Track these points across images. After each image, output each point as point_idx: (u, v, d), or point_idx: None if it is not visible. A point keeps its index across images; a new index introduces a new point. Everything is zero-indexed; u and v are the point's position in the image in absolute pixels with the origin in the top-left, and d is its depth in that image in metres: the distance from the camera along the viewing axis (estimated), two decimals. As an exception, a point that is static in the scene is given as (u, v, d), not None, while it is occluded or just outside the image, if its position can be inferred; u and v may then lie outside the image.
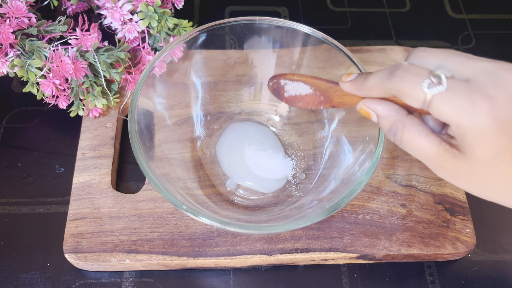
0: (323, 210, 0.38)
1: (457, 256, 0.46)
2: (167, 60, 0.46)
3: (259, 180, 0.48)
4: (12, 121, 0.54)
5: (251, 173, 0.48)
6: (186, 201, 0.40)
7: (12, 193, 0.49)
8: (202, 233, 0.45)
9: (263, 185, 0.48)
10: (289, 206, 0.47)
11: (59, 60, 0.46)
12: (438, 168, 0.31)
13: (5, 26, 0.45)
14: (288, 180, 0.49)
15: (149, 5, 0.51)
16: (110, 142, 0.50)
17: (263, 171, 0.48)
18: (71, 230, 0.44)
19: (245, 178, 0.48)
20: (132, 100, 0.42)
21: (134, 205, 0.46)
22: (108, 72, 0.49)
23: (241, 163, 0.49)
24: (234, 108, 0.53)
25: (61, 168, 0.51)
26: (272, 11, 0.66)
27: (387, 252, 0.45)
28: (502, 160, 0.28)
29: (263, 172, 0.48)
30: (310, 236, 0.45)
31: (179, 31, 0.53)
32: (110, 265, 0.44)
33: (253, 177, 0.48)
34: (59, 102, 0.49)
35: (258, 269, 0.45)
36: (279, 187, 0.48)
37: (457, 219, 0.46)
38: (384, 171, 0.49)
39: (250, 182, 0.48)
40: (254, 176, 0.48)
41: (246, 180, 0.48)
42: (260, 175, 0.48)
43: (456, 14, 0.67)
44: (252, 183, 0.48)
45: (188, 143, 0.50)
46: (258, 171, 0.48)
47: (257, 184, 0.48)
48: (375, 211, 0.47)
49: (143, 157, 0.39)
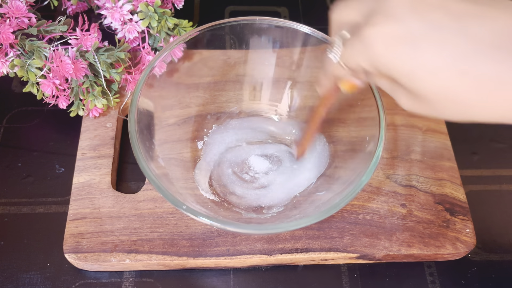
0: (323, 210, 0.38)
1: (457, 256, 0.46)
2: (167, 60, 0.46)
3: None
4: (12, 121, 0.54)
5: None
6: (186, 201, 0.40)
7: (12, 193, 0.49)
8: (202, 233, 0.45)
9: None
10: (289, 206, 0.47)
11: (59, 60, 0.46)
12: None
13: (5, 26, 0.45)
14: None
15: (149, 5, 0.51)
16: (110, 142, 0.50)
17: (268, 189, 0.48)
18: (71, 230, 0.44)
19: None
20: (132, 100, 0.42)
21: (134, 205, 0.46)
22: (108, 72, 0.49)
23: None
24: (234, 108, 0.53)
25: (61, 168, 0.51)
26: (272, 11, 0.66)
27: (387, 252, 0.45)
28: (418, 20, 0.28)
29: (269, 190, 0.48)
30: (310, 236, 0.45)
31: (179, 31, 0.53)
32: (110, 265, 0.44)
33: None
34: (59, 102, 0.49)
35: (258, 269, 0.45)
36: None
37: (457, 219, 0.46)
38: (384, 171, 0.49)
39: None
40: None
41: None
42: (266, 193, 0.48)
43: (456, 14, 0.67)
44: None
45: (188, 143, 0.50)
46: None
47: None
48: (375, 211, 0.47)
49: (143, 157, 0.39)
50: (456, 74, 0.27)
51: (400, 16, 0.28)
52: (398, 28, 0.28)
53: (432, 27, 0.27)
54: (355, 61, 0.31)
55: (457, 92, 0.27)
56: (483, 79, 0.26)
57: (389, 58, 0.28)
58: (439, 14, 0.27)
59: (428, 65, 0.27)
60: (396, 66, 0.29)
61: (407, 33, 0.27)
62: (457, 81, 0.27)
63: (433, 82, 0.28)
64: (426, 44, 0.27)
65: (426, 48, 0.27)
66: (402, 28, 0.28)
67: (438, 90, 0.28)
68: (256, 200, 0.47)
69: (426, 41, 0.27)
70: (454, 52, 0.26)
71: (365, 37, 0.29)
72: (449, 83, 0.27)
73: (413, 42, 0.27)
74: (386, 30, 0.28)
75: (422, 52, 0.27)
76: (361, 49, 0.30)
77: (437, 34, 0.27)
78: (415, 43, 0.27)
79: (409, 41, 0.27)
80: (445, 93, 0.28)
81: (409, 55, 0.28)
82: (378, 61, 0.29)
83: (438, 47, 0.27)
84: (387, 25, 0.28)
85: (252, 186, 0.48)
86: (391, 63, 0.29)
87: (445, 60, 0.27)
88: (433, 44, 0.27)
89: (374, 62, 0.30)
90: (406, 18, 0.28)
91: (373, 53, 0.29)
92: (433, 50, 0.27)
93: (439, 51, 0.27)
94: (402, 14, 0.28)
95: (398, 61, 0.28)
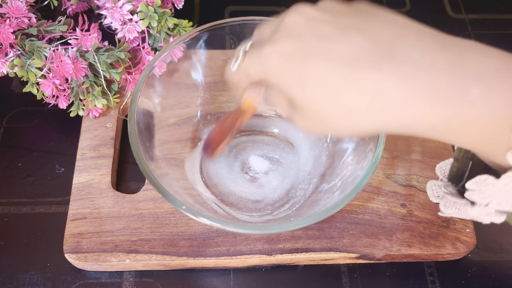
0: (323, 210, 0.38)
1: (457, 256, 0.46)
2: (167, 60, 0.46)
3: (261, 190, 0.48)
4: (12, 121, 0.54)
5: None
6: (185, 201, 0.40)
7: (12, 193, 0.49)
8: (202, 233, 0.45)
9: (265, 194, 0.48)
10: (289, 206, 0.47)
11: (59, 60, 0.46)
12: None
13: (5, 26, 0.45)
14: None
15: (149, 5, 0.51)
16: (110, 142, 0.50)
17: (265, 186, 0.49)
18: (71, 230, 0.44)
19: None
20: (132, 100, 0.42)
21: (134, 205, 0.46)
22: (108, 72, 0.49)
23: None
24: (234, 108, 0.52)
25: (61, 168, 0.51)
26: (272, 11, 0.66)
27: (387, 252, 0.45)
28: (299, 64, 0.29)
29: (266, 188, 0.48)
30: (310, 236, 0.45)
31: (179, 31, 0.53)
32: (110, 265, 0.44)
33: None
34: (59, 102, 0.49)
35: (258, 269, 0.45)
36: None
37: (457, 219, 0.46)
38: (384, 171, 0.49)
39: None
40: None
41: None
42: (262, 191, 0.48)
43: (456, 14, 0.67)
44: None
45: (188, 143, 0.50)
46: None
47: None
48: (375, 211, 0.47)
49: (143, 157, 0.39)
50: (340, 80, 0.27)
51: (295, 33, 0.29)
52: (292, 44, 0.29)
53: (321, 40, 0.28)
54: (250, 71, 0.32)
55: (342, 99, 0.28)
56: (364, 84, 0.27)
57: (282, 72, 0.30)
58: (329, 28, 0.29)
59: (315, 74, 0.28)
60: (287, 80, 0.30)
61: (300, 48, 0.29)
62: (341, 87, 0.28)
63: (320, 90, 0.28)
64: (314, 55, 0.28)
65: (314, 58, 0.28)
66: (295, 44, 0.29)
67: (326, 99, 0.29)
68: (256, 200, 0.47)
69: (315, 53, 0.28)
70: (338, 59, 0.28)
71: (263, 51, 0.30)
72: (334, 90, 0.28)
73: (304, 55, 0.29)
74: (281, 47, 0.30)
75: (311, 62, 0.28)
76: (257, 61, 0.31)
77: (325, 45, 0.28)
78: (305, 56, 0.29)
79: (300, 54, 0.29)
80: (332, 101, 0.29)
81: (298, 67, 0.29)
82: (271, 75, 0.31)
83: (324, 56, 0.28)
84: (283, 41, 0.30)
85: (252, 186, 0.48)
86: (283, 77, 0.30)
87: (330, 67, 0.28)
88: (320, 54, 0.28)
89: (268, 76, 0.31)
90: (300, 34, 0.29)
91: (268, 67, 0.30)
92: (320, 59, 0.28)
93: (325, 60, 0.28)
94: (297, 31, 0.29)
95: (289, 73, 0.29)
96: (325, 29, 0.29)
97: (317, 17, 0.30)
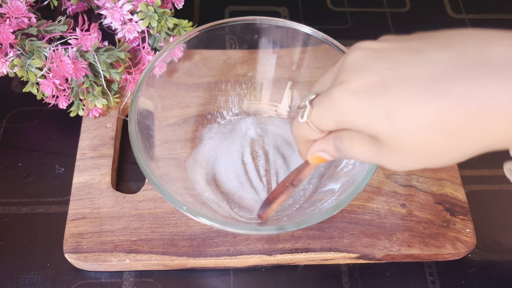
0: (323, 210, 0.38)
1: (457, 256, 0.46)
2: (167, 60, 0.46)
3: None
4: (12, 121, 0.54)
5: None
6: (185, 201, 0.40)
7: (12, 193, 0.49)
8: (202, 233, 0.45)
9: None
10: (289, 207, 0.47)
11: (59, 60, 0.46)
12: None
13: (5, 26, 0.45)
14: None
15: (149, 5, 0.51)
16: (110, 142, 0.50)
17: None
18: (71, 230, 0.44)
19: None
20: (132, 100, 0.42)
21: (134, 205, 0.46)
22: (108, 72, 0.49)
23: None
24: (234, 108, 0.53)
25: (61, 168, 0.51)
26: (272, 11, 0.66)
27: (387, 252, 0.45)
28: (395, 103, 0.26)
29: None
30: (310, 236, 0.45)
31: (179, 31, 0.53)
32: (110, 265, 0.44)
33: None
34: (59, 102, 0.49)
35: (258, 269, 0.45)
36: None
37: (457, 219, 0.46)
38: (384, 171, 0.49)
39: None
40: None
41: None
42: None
43: (456, 14, 0.67)
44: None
45: (188, 143, 0.50)
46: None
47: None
48: (375, 211, 0.47)
49: (143, 157, 0.39)
50: (432, 100, 0.24)
51: (363, 67, 0.27)
52: (364, 79, 0.27)
53: (396, 66, 0.26)
54: (321, 120, 0.30)
55: (442, 121, 0.25)
56: (464, 97, 0.24)
57: (360, 111, 0.27)
58: (400, 54, 0.26)
59: (402, 102, 0.25)
60: (368, 117, 0.27)
61: (374, 80, 0.26)
62: (436, 107, 0.24)
63: (413, 118, 0.25)
64: (394, 83, 0.26)
65: (395, 86, 0.25)
66: (368, 77, 0.26)
67: (421, 126, 0.25)
68: (256, 200, 0.47)
69: (394, 80, 0.26)
70: (424, 80, 0.25)
71: (333, 95, 0.28)
72: (428, 113, 0.25)
73: (382, 86, 0.26)
74: (353, 85, 0.27)
75: (393, 91, 0.25)
76: (328, 107, 0.28)
77: (402, 70, 0.26)
78: (383, 87, 0.26)
79: (378, 87, 0.26)
80: (430, 127, 0.25)
81: (379, 100, 0.26)
82: (348, 118, 0.28)
83: (406, 81, 0.25)
84: (353, 79, 0.27)
85: (251, 186, 0.48)
86: (363, 116, 0.27)
87: (417, 90, 0.25)
88: (401, 80, 0.25)
89: (344, 120, 0.28)
90: (369, 67, 0.27)
91: (342, 110, 0.28)
92: (402, 85, 0.25)
93: (408, 84, 0.25)
94: (364, 66, 0.27)
95: (370, 110, 0.26)
96: (395, 56, 0.26)
97: (382, 47, 0.27)
